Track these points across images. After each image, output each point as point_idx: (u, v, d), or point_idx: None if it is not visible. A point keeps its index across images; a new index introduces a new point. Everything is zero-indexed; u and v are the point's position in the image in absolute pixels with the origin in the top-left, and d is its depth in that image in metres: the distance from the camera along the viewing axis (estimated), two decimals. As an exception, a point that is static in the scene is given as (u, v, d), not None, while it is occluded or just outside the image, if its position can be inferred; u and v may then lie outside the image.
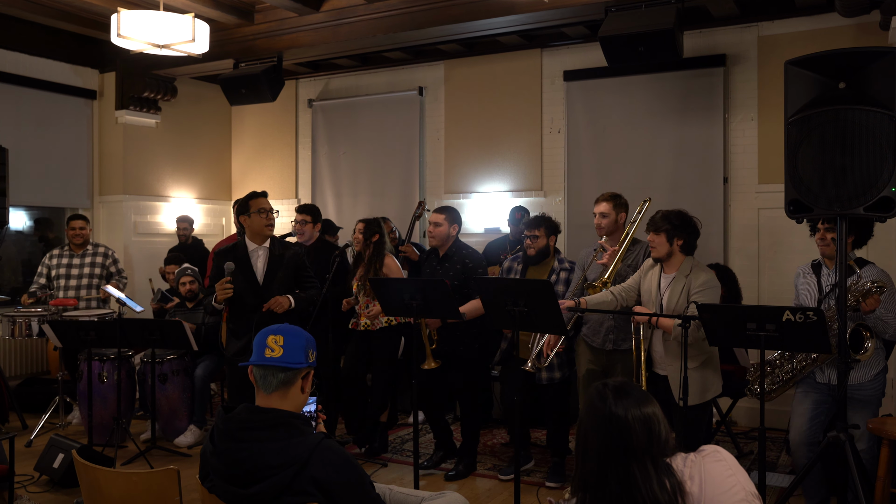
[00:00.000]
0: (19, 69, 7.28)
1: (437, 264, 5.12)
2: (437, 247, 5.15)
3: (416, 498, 2.79)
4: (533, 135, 7.28)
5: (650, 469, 1.74)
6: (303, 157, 8.65)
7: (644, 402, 1.81)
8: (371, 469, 5.08)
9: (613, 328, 4.42)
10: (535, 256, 4.84)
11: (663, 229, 3.92)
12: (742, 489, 1.81)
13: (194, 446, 5.65)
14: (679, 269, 3.93)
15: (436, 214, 5.12)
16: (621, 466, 1.74)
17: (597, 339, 4.48)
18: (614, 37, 5.37)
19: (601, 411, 1.79)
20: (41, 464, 4.92)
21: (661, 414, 1.82)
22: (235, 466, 2.26)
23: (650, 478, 1.73)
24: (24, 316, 5.99)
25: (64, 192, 7.80)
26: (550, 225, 4.89)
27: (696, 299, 3.73)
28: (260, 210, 4.65)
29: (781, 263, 6.16)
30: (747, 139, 6.41)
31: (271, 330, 2.40)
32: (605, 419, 1.78)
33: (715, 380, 3.97)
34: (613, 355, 4.44)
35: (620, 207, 4.55)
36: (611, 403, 1.79)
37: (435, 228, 5.06)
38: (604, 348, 4.45)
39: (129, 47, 5.16)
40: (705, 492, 1.79)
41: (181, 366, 5.80)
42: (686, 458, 1.86)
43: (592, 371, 4.51)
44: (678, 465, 1.81)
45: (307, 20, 6.74)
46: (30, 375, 7.22)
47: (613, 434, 1.76)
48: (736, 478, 1.83)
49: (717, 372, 3.99)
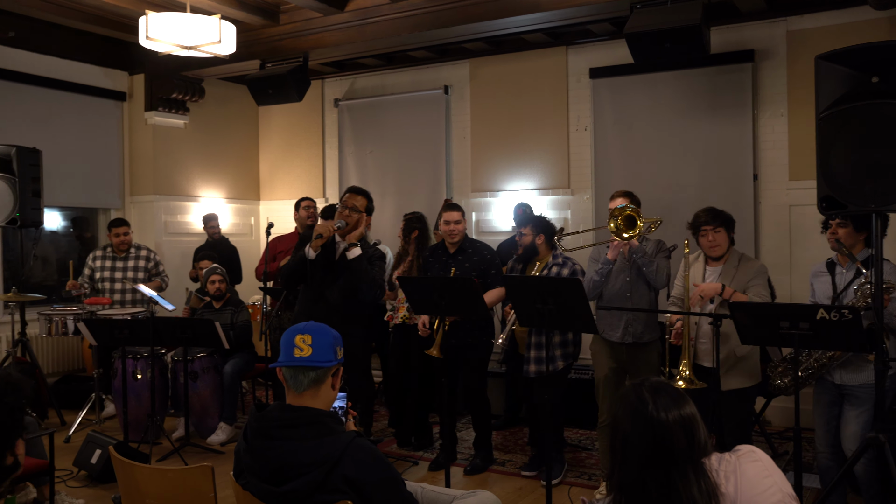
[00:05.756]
0: (52, 72, 7.40)
1: (449, 260, 5.11)
2: (446, 243, 5.15)
3: (448, 496, 2.80)
4: (559, 133, 7.25)
5: (690, 474, 1.72)
6: (329, 156, 8.68)
7: (683, 402, 1.79)
8: (402, 467, 5.11)
9: (633, 321, 4.36)
10: (523, 254, 4.89)
11: (722, 225, 4.00)
12: (779, 490, 1.78)
13: (226, 443, 5.71)
14: (727, 261, 4.02)
15: (454, 213, 5.11)
16: (662, 472, 1.72)
17: (615, 333, 4.41)
18: (640, 33, 5.32)
19: (641, 415, 1.76)
20: (79, 459, 5.01)
21: (699, 415, 1.80)
22: (269, 464, 2.27)
23: (690, 483, 1.71)
24: (60, 314, 6.09)
25: (96, 192, 7.91)
26: (538, 224, 4.92)
27: (753, 286, 3.89)
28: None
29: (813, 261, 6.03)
30: (777, 135, 6.32)
31: (298, 329, 2.41)
32: (646, 424, 1.75)
33: (757, 368, 4.10)
34: (634, 350, 4.38)
35: (635, 204, 4.52)
36: (651, 407, 1.76)
37: (456, 226, 5.07)
38: (623, 342, 4.40)
39: (158, 49, 5.22)
40: (741, 492, 1.77)
41: (211, 363, 5.86)
42: (721, 457, 1.83)
43: (614, 370, 4.46)
44: (713, 464, 1.79)
45: (332, 20, 6.76)
46: (66, 373, 7.34)
47: (655, 440, 1.73)
48: (772, 478, 1.80)
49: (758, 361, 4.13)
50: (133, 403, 5.62)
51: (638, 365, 4.38)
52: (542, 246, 4.89)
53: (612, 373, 4.46)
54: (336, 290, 4.57)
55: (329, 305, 4.54)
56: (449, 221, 5.07)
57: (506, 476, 5.04)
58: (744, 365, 3.99)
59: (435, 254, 5.23)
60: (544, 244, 4.89)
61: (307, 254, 4.47)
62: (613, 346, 4.44)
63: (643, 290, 4.39)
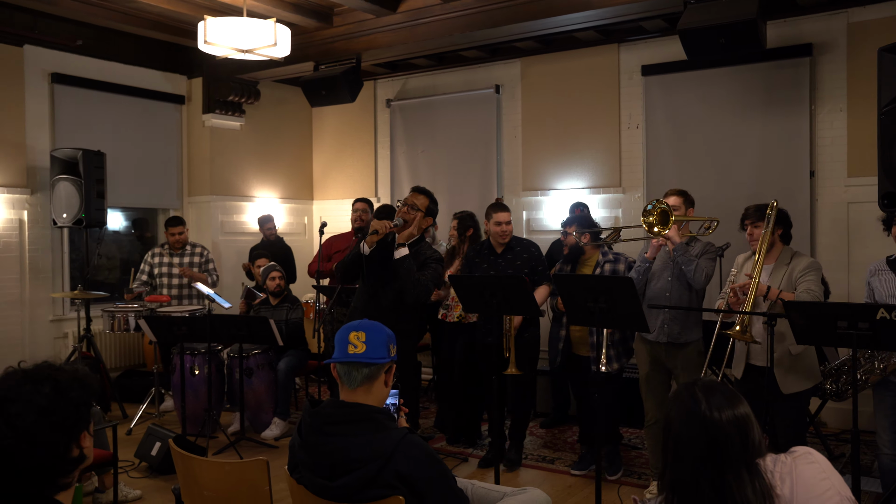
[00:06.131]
0: (115, 78, 7.63)
1: (497, 259, 5.11)
2: (493, 243, 5.14)
3: (499, 493, 2.79)
4: (611, 131, 7.17)
5: (744, 475, 1.69)
6: (382, 156, 8.75)
7: (736, 402, 1.76)
8: (452, 464, 5.13)
9: (669, 320, 4.31)
10: (569, 255, 4.92)
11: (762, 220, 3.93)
12: (837, 493, 1.73)
13: (280, 438, 5.80)
14: (779, 259, 3.94)
15: (505, 213, 5.12)
16: (715, 473, 1.70)
17: (651, 332, 4.36)
18: (694, 29, 5.22)
19: (695, 415, 1.74)
20: (140, 451, 5.15)
21: (753, 415, 1.77)
22: (322, 459, 2.30)
23: (744, 484, 1.68)
24: (123, 311, 6.28)
25: (156, 193, 8.12)
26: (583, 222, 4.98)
27: (804, 282, 3.78)
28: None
29: (872, 259, 5.86)
30: (836, 131, 6.14)
31: (352, 327, 2.43)
32: (700, 424, 1.73)
33: (816, 368, 3.99)
34: (672, 349, 4.33)
35: (689, 203, 4.46)
36: (704, 406, 1.74)
37: (507, 226, 5.08)
38: (658, 341, 4.35)
39: (215, 53, 5.33)
40: (797, 495, 1.73)
41: (265, 360, 5.97)
42: (776, 458, 1.79)
43: (654, 368, 4.43)
44: (768, 465, 1.76)
45: (384, 21, 6.81)
46: (128, 368, 7.55)
47: (708, 440, 1.71)
48: (830, 481, 1.75)
49: (815, 360, 4.02)
50: (191, 398, 5.76)
51: (676, 364, 4.34)
52: (588, 245, 4.87)
53: (652, 371, 4.44)
54: (389, 289, 4.61)
55: (382, 303, 4.58)
56: (500, 222, 5.07)
57: (555, 474, 5.03)
58: (801, 365, 3.88)
59: (481, 253, 5.22)
60: (590, 243, 4.87)
61: (362, 248, 4.51)
62: (652, 344, 4.41)
63: (682, 290, 4.32)
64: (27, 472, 1.65)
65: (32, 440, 1.63)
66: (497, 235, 5.09)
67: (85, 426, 1.73)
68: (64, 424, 1.68)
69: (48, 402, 1.66)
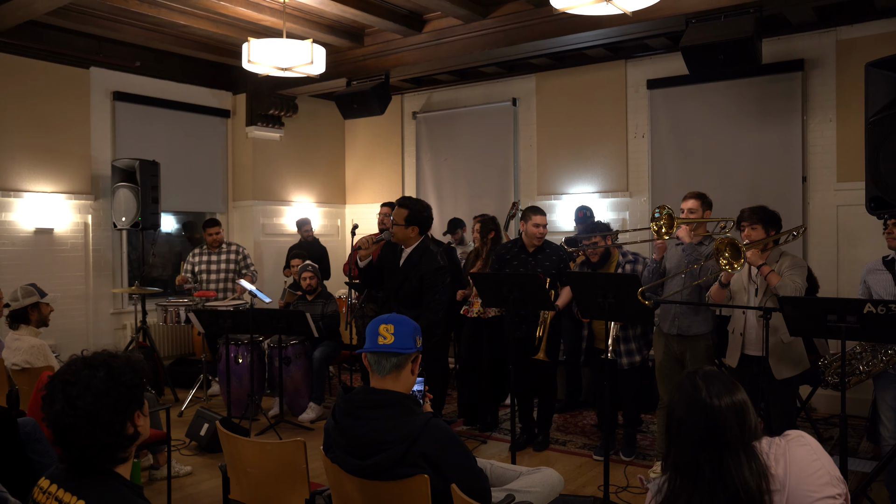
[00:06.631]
0: (168, 94, 7.71)
1: (528, 258, 5.10)
2: (525, 242, 5.12)
3: (515, 472, 2.80)
4: (618, 140, 7.13)
5: (741, 456, 1.68)
6: (408, 163, 8.77)
7: (734, 389, 1.75)
8: (473, 445, 5.13)
9: (679, 314, 4.31)
10: (599, 261, 4.83)
11: (760, 222, 3.90)
12: (827, 473, 1.72)
13: (315, 421, 5.83)
14: (769, 258, 3.92)
15: (542, 217, 5.11)
16: (714, 454, 1.69)
17: (664, 324, 4.40)
18: (695, 47, 5.18)
19: (696, 401, 1.74)
20: (190, 431, 5.21)
21: (749, 400, 1.76)
22: (354, 441, 2.32)
23: (741, 464, 1.67)
24: (174, 305, 6.35)
25: (204, 198, 8.20)
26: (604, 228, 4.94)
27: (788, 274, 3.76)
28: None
29: (860, 259, 5.80)
30: (826, 139, 6.06)
31: (382, 319, 2.44)
32: (700, 410, 1.72)
33: (804, 356, 3.95)
34: (684, 341, 4.32)
35: (706, 206, 4.42)
36: (704, 394, 1.73)
37: (543, 229, 5.08)
38: (671, 333, 4.36)
39: (258, 71, 5.37)
40: (790, 475, 1.72)
41: (302, 350, 6.01)
42: (771, 441, 1.78)
43: (668, 358, 4.42)
44: (763, 447, 1.75)
45: (411, 41, 6.83)
46: (179, 356, 7.64)
47: (708, 425, 1.71)
48: (821, 462, 1.74)
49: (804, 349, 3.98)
50: (235, 384, 5.81)
51: (686, 355, 4.33)
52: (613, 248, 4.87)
53: (666, 360, 4.43)
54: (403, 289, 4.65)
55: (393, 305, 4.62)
56: (539, 224, 5.06)
57: (566, 454, 5.01)
58: (791, 353, 3.86)
59: (513, 251, 5.21)
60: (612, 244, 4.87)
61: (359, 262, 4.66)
62: (667, 336, 4.41)
63: (694, 288, 4.30)
64: (89, 446, 1.69)
65: (91, 419, 1.68)
66: (534, 236, 5.07)
67: (138, 406, 1.77)
68: (118, 405, 1.72)
69: (103, 385, 1.70)
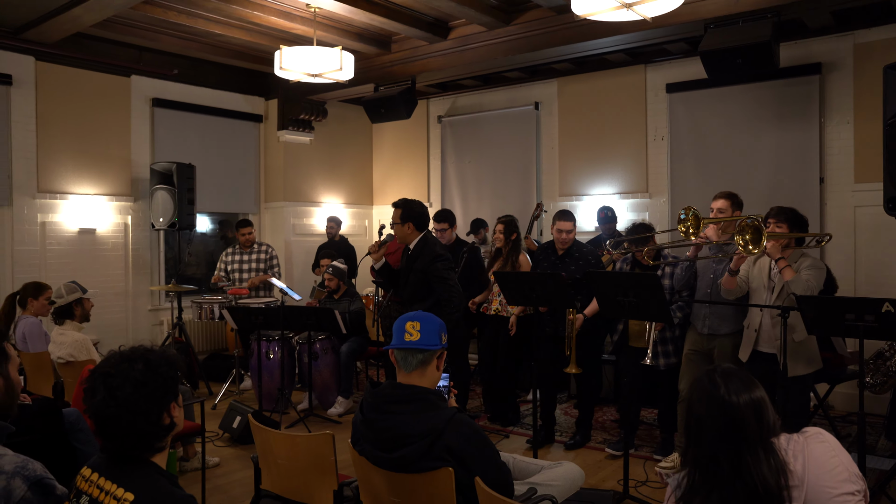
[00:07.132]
0: (204, 101, 7.81)
1: (556, 260, 5.07)
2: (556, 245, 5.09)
3: (537, 466, 2.79)
4: (638, 142, 7.07)
5: (760, 452, 1.66)
6: (433, 166, 8.78)
7: (753, 386, 1.73)
8: (496, 440, 5.12)
9: (709, 314, 4.30)
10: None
11: (786, 221, 3.87)
12: (845, 469, 1.69)
13: (343, 415, 5.86)
14: (789, 257, 3.87)
15: (567, 223, 5.00)
16: (734, 452, 1.67)
17: (697, 323, 4.38)
18: (714, 51, 5.12)
19: (714, 398, 1.71)
20: (224, 424, 5.26)
21: (767, 397, 1.73)
22: (381, 434, 2.33)
23: (760, 461, 1.65)
24: (209, 303, 6.42)
25: (237, 200, 8.28)
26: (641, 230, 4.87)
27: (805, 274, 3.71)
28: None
29: (878, 258, 5.70)
30: (843, 141, 5.95)
31: (409, 317, 2.45)
32: (719, 406, 1.70)
33: (817, 355, 3.89)
34: (713, 339, 4.29)
35: (737, 206, 4.35)
36: (723, 391, 1.71)
37: (568, 235, 4.99)
38: (702, 332, 4.33)
39: (289, 77, 5.42)
40: (809, 471, 1.69)
41: (330, 346, 6.04)
42: (790, 437, 1.76)
43: (695, 351, 4.39)
44: (782, 444, 1.72)
45: (437, 47, 6.84)
46: (213, 351, 7.73)
47: (727, 422, 1.68)
48: (839, 458, 1.71)
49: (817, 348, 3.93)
50: (266, 379, 5.86)
51: (714, 351, 4.30)
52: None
53: (693, 355, 4.40)
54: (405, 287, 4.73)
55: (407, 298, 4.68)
56: (562, 230, 4.98)
57: (586, 449, 4.97)
58: (803, 351, 3.80)
59: (545, 253, 5.20)
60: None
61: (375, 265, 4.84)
62: (699, 334, 4.39)
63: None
64: (128, 436, 1.73)
65: (131, 409, 1.71)
66: (557, 241, 5.04)
67: (173, 398, 1.80)
68: (155, 395, 1.75)
69: (141, 376, 1.74)
